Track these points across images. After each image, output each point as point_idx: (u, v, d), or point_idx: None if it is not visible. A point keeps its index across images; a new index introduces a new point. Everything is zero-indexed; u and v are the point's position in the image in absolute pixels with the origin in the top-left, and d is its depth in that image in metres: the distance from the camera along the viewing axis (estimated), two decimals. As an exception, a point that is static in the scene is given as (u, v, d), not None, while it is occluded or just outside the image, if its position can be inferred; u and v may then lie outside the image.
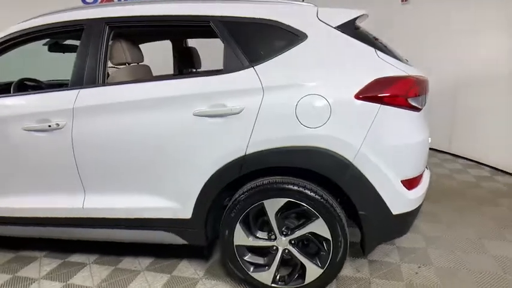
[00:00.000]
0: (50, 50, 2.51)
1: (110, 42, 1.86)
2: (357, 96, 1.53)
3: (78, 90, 1.78)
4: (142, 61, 2.19)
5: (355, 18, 1.69)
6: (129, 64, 2.03)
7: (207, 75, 1.74)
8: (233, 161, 1.64)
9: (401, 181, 1.61)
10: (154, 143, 1.71)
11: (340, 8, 1.72)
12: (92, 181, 1.82)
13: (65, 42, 2.57)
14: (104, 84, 1.80)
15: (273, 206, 1.66)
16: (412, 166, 1.63)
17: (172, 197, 1.77)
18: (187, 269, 2.08)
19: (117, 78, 1.93)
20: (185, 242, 1.87)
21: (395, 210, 1.62)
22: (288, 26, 1.67)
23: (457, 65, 3.89)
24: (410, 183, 1.64)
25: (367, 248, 1.70)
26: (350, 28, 1.68)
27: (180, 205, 1.77)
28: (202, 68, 2.89)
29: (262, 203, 1.66)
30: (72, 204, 1.87)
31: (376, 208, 1.61)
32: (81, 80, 1.79)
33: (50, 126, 1.76)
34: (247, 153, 1.61)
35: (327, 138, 1.54)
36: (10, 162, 1.89)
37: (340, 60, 1.63)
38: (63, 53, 2.61)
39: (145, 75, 2.20)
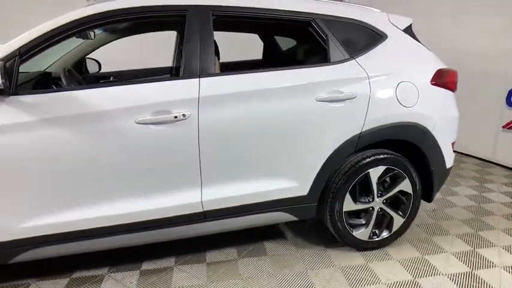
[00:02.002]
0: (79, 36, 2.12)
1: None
2: (431, 82, 2.07)
3: (197, 79, 1.71)
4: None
5: (411, 23, 2.22)
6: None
7: (317, 66, 1.94)
8: (350, 139, 1.93)
9: (451, 143, 2.23)
10: (280, 128, 1.83)
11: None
12: (212, 172, 1.78)
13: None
14: (226, 73, 1.78)
15: (375, 173, 2.03)
16: (455, 132, 2.26)
17: (292, 178, 1.92)
18: (276, 248, 2.22)
19: None
20: (295, 219, 2.03)
21: (447, 165, 2.23)
22: (374, 27, 2.07)
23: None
24: (453, 145, 2.28)
25: (433, 197, 2.26)
26: (410, 30, 2.19)
27: (299, 184, 1.94)
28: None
29: (368, 172, 2.01)
30: (188, 200, 1.77)
31: (440, 164, 2.18)
32: (196, 68, 1.72)
33: (176, 117, 1.64)
34: (362, 131, 1.93)
35: (417, 114, 2.01)
36: (117, 162, 1.63)
37: (412, 55, 2.13)
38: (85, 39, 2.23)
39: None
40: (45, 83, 2.01)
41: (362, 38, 2.04)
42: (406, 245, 2.26)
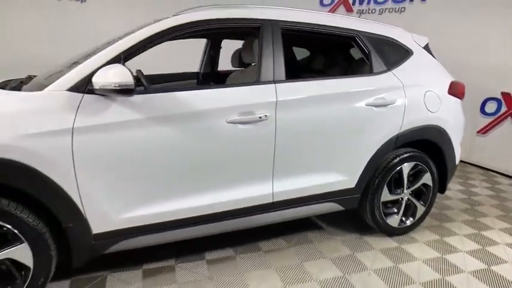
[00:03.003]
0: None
1: (255, 41, 2.07)
2: (448, 92, 2.48)
3: (273, 85, 1.93)
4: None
5: (428, 42, 2.63)
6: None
7: (365, 76, 2.26)
8: (391, 138, 2.27)
9: (459, 143, 2.66)
10: (338, 128, 2.11)
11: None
12: (282, 166, 2.00)
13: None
14: (295, 79, 2.03)
15: (406, 168, 2.38)
16: (462, 134, 2.70)
17: (345, 172, 2.21)
18: (319, 237, 2.48)
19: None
20: (342, 209, 2.31)
21: (457, 161, 2.66)
22: (403, 44, 2.45)
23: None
24: (460, 145, 2.71)
25: (446, 188, 2.67)
26: (427, 48, 2.61)
27: (350, 177, 2.23)
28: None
29: (401, 167, 2.36)
30: (262, 191, 1.98)
31: (452, 160, 2.60)
32: (271, 75, 1.95)
33: (260, 118, 1.85)
34: (400, 132, 2.28)
35: (440, 118, 2.41)
36: (210, 157, 1.80)
37: (432, 68, 2.54)
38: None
39: None
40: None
41: (395, 53, 2.41)
42: (425, 230, 2.64)
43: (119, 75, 1.48)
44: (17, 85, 1.81)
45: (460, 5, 4.35)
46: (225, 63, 3.20)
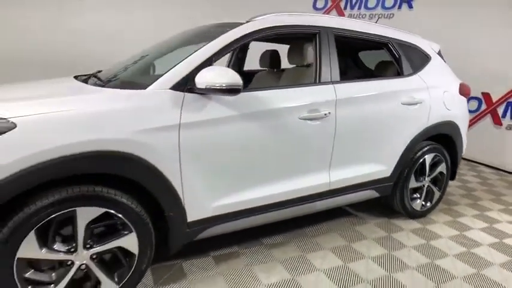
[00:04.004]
0: None
1: (307, 45, 2.31)
2: (459, 92, 2.88)
3: (332, 85, 2.17)
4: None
5: (440, 49, 3.02)
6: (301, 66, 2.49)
7: (399, 78, 2.57)
8: (420, 132, 2.61)
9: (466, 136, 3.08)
10: (381, 124, 2.40)
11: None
12: (338, 158, 2.25)
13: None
14: (348, 80, 2.29)
15: (429, 159, 2.74)
16: (467, 128, 3.12)
17: (384, 162, 2.51)
18: (355, 222, 2.76)
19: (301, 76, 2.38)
20: (378, 195, 2.61)
21: (463, 152, 3.07)
22: (423, 49, 2.80)
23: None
24: (466, 137, 3.12)
25: (455, 176, 3.07)
26: (440, 54, 2.99)
27: (387, 167, 2.53)
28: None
29: (425, 158, 2.71)
30: (322, 180, 2.21)
31: (461, 151, 3.01)
32: (329, 76, 2.19)
33: (325, 114, 2.08)
34: (427, 126, 2.62)
35: (454, 115, 2.80)
36: (285, 150, 2.00)
37: (445, 72, 2.91)
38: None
39: None
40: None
41: (418, 58, 2.75)
42: (440, 213, 3.02)
43: (225, 75, 1.64)
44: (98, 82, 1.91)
45: (444, 12, 4.87)
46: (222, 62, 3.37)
